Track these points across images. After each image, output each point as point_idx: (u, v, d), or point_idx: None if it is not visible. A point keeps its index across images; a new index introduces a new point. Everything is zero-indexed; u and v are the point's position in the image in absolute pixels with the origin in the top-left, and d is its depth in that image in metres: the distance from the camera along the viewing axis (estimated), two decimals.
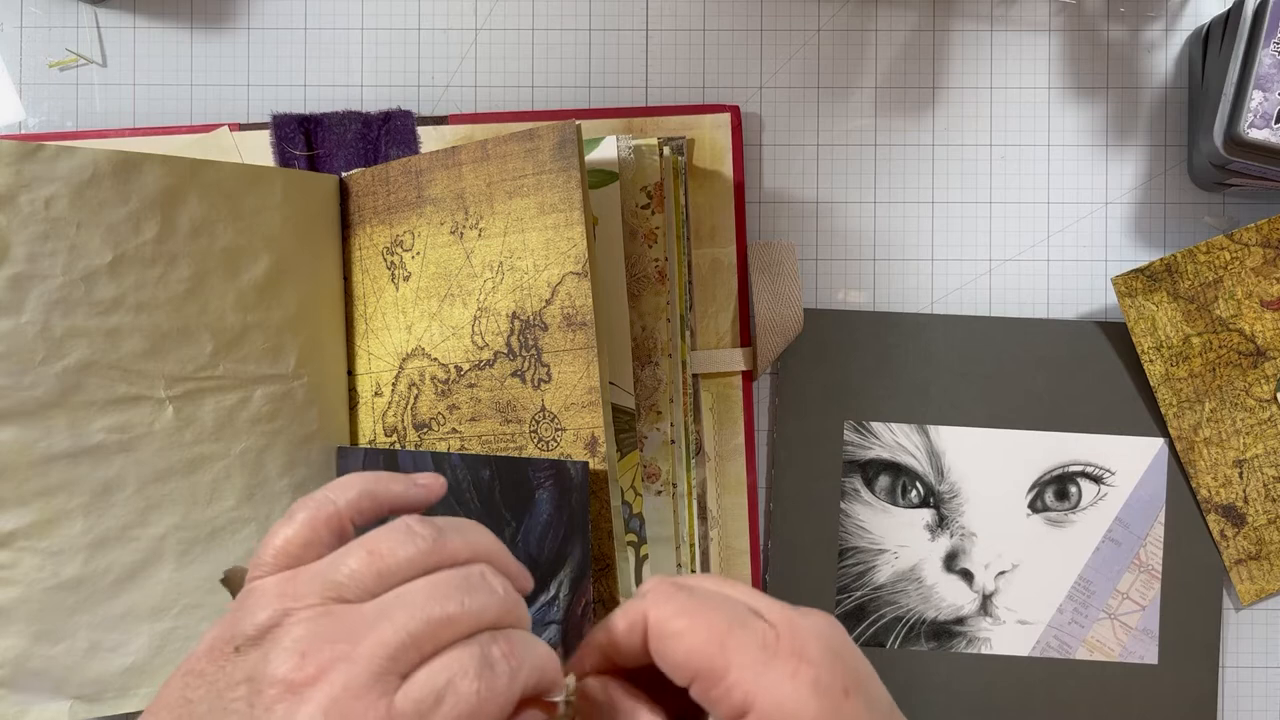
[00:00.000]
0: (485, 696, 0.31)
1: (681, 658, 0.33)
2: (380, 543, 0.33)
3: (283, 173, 0.53)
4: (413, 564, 0.33)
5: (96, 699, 0.48)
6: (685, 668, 0.33)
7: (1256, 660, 0.58)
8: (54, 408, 0.47)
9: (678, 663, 0.33)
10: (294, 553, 0.34)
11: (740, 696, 0.32)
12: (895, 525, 0.58)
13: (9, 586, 0.47)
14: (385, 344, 0.54)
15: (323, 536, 0.35)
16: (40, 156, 0.47)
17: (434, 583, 0.32)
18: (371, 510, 0.36)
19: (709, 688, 0.32)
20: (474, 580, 0.33)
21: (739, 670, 0.32)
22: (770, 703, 0.31)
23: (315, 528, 0.35)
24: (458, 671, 0.31)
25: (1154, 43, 0.59)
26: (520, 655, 0.32)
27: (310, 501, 0.35)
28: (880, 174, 0.59)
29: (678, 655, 0.33)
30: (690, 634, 0.33)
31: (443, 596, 0.32)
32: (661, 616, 0.33)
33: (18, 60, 0.59)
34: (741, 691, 0.32)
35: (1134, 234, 0.59)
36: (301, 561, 0.34)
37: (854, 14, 0.59)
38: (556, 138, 0.48)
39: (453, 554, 0.34)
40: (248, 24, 0.59)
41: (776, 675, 0.32)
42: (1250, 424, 0.57)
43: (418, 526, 0.34)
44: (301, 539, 0.34)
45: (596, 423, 0.47)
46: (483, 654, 0.32)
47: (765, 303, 0.57)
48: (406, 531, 0.34)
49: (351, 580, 0.32)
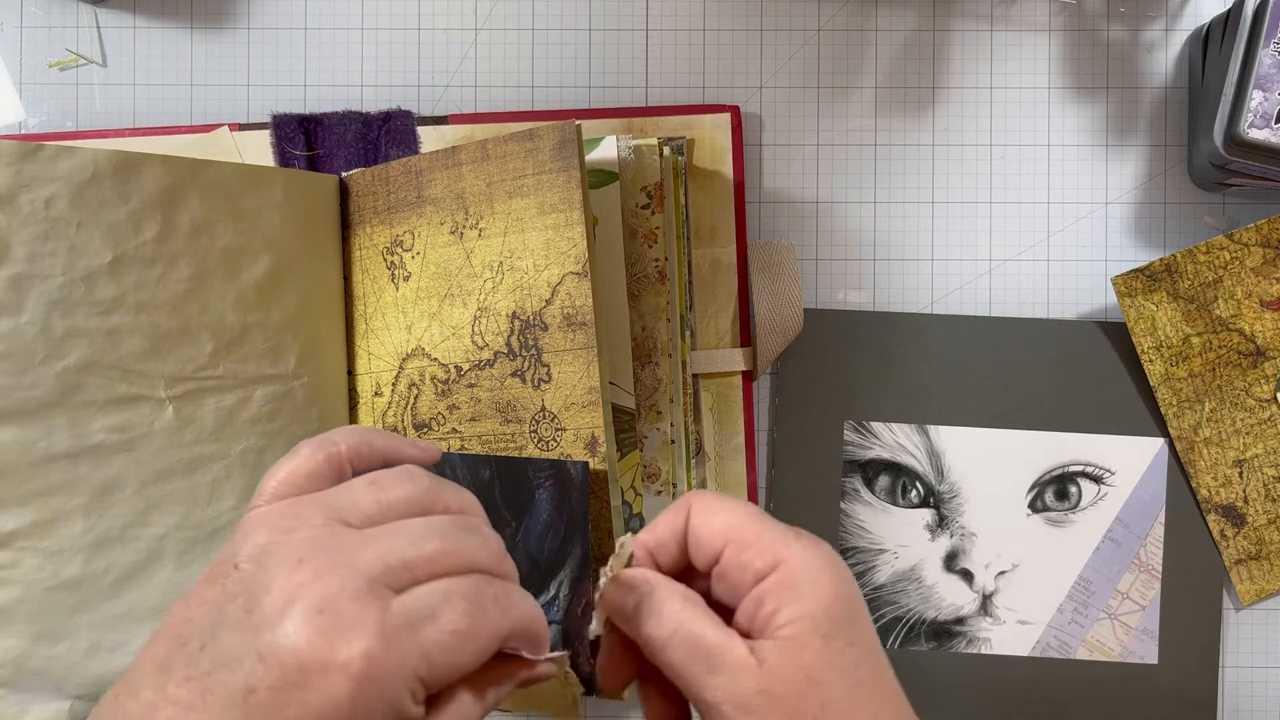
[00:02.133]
0: (476, 623, 0.32)
1: (719, 529, 0.37)
2: (382, 476, 0.35)
3: (283, 173, 0.53)
4: (411, 501, 0.35)
5: (96, 699, 0.48)
6: (720, 537, 0.37)
7: (1256, 660, 0.58)
8: (54, 408, 0.47)
9: (714, 535, 0.37)
10: (297, 483, 0.35)
11: (770, 556, 0.36)
12: (895, 525, 0.58)
13: (9, 586, 0.47)
14: (385, 344, 0.54)
15: (324, 471, 0.36)
16: (40, 156, 0.47)
17: (430, 520, 0.34)
18: (369, 457, 0.38)
19: (740, 550, 0.36)
20: (470, 525, 0.35)
21: (770, 537, 0.36)
22: (798, 561, 0.36)
23: (318, 461, 0.36)
24: (454, 592, 0.32)
25: (1154, 43, 0.59)
26: (511, 599, 0.34)
27: (313, 440, 0.37)
28: (880, 174, 0.59)
29: (714, 527, 0.37)
30: (728, 512, 0.37)
31: (440, 532, 0.34)
32: (705, 502, 0.38)
33: (18, 60, 0.59)
34: (772, 552, 0.36)
35: (1134, 234, 0.59)
36: (303, 492, 0.35)
37: (854, 14, 0.59)
38: (556, 138, 0.48)
39: (447, 504, 0.36)
40: (248, 24, 0.59)
41: (801, 546, 0.36)
42: (1250, 424, 0.57)
43: (417, 471, 0.36)
44: (305, 470, 0.36)
45: (596, 423, 0.47)
46: (476, 587, 0.33)
47: (765, 303, 0.57)
48: (407, 472, 0.36)
49: (353, 505, 0.34)
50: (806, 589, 0.35)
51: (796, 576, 0.36)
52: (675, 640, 0.36)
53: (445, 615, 0.32)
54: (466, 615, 0.32)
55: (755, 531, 0.37)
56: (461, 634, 0.32)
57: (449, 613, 0.32)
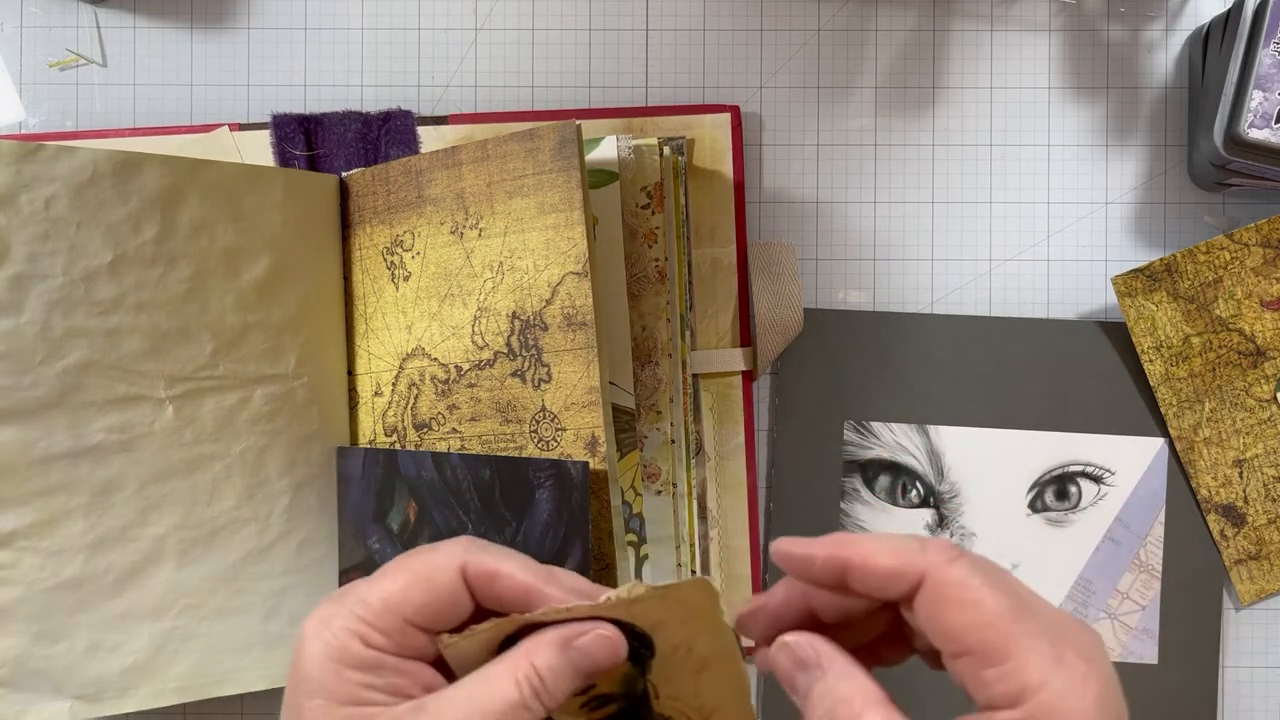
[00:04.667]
0: (408, 562, 0.35)
1: (959, 628, 0.30)
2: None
3: (283, 173, 0.53)
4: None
5: (96, 699, 0.48)
6: (959, 640, 0.30)
7: (1256, 660, 0.58)
8: (54, 408, 0.47)
9: (953, 633, 0.30)
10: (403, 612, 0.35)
11: (1017, 686, 0.29)
12: (895, 525, 0.58)
13: (9, 586, 0.47)
14: (385, 344, 0.54)
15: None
16: (40, 156, 0.46)
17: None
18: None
19: (982, 666, 0.30)
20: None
21: (1024, 657, 0.29)
22: (1052, 698, 0.29)
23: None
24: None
25: (1154, 43, 0.59)
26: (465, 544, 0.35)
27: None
28: (880, 174, 0.59)
29: (956, 624, 0.30)
30: (978, 607, 0.30)
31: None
32: (948, 579, 0.30)
33: (18, 60, 0.59)
34: (1020, 681, 0.29)
35: (1134, 234, 0.59)
36: (408, 624, 0.34)
37: (854, 14, 0.59)
38: (557, 138, 0.48)
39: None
40: (248, 24, 0.59)
41: (1065, 677, 0.29)
42: (1250, 424, 0.57)
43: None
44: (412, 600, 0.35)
45: (596, 423, 0.47)
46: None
47: (765, 303, 0.57)
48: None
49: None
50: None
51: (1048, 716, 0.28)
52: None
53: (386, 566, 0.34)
54: (404, 554, 0.34)
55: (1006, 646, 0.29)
56: (395, 569, 0.33)
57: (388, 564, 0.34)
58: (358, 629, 0.33)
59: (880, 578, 0.31)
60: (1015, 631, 0.29)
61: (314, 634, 0.33)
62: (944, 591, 0.30)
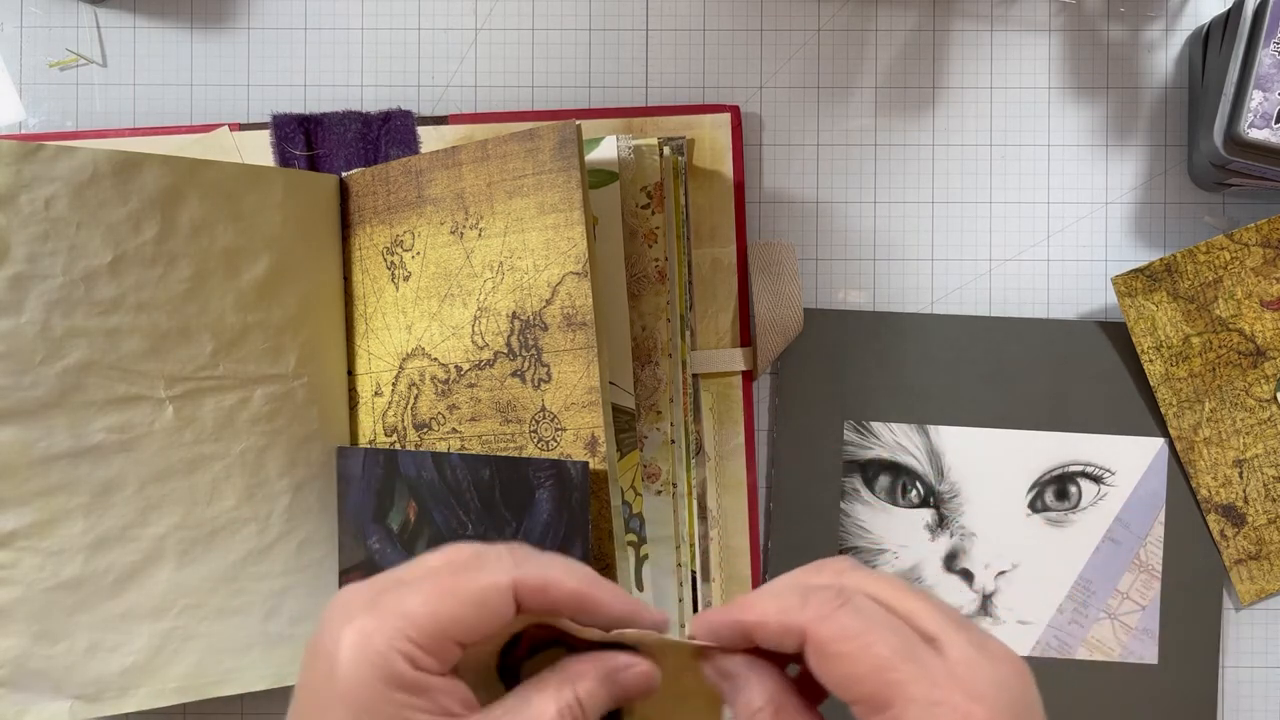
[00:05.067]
0: (459, 580, 0.32)
1: (839, 680, 0.31)
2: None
3: (283, 173, 0.53)
4: None
5: (96, 699, 0.48)
6: (842, 690, 0.31)
7: (1256, 660, 0.58)
8: (54, 408, 0.47)
9: (834, 683, 0.31)
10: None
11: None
12: (895, 525, 0.58)
13: (9, 586, 0.47)
14: (385, 344, 0.54)
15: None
16: (40, 156, 0.47)
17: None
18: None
19: (867, 715, 0.31)
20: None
21: (903, 707, 0.30)
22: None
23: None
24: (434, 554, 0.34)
25: (1154, 43, 0.59)
26: (518, 555, 0.33)
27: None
28: (880, 174, 0.59)
29: (836, 676, 0.31)
30: (856, 660, 0.31)
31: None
32: (825, 637, 0.31)
33: (18, 60, 0.59)
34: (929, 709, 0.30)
35: (1134, 234, 0.59)
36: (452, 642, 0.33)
37: (854, 14, 0.59)
38: (556, 138, 0.48)
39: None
40: (248, 24, 0.59)
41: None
42: (1250, 424, 0.57)
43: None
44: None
45: (596, 423, 0.47)
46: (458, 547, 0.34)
47: (765, 303, 0.57)
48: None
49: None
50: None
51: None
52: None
53: (419, 572, 0.32)
54: (445, 565, 0.32)
55: (886, 695, 0.30)
56: (443, 586, 0.31)
57: (420, 570, 0.33)
58: (405, 649, 0.31)
59: (774, 636, 0.33)
60: (894, 679, 0.30)
61: (355, 648, 0.31)
62: (823, 646, 0.31)
